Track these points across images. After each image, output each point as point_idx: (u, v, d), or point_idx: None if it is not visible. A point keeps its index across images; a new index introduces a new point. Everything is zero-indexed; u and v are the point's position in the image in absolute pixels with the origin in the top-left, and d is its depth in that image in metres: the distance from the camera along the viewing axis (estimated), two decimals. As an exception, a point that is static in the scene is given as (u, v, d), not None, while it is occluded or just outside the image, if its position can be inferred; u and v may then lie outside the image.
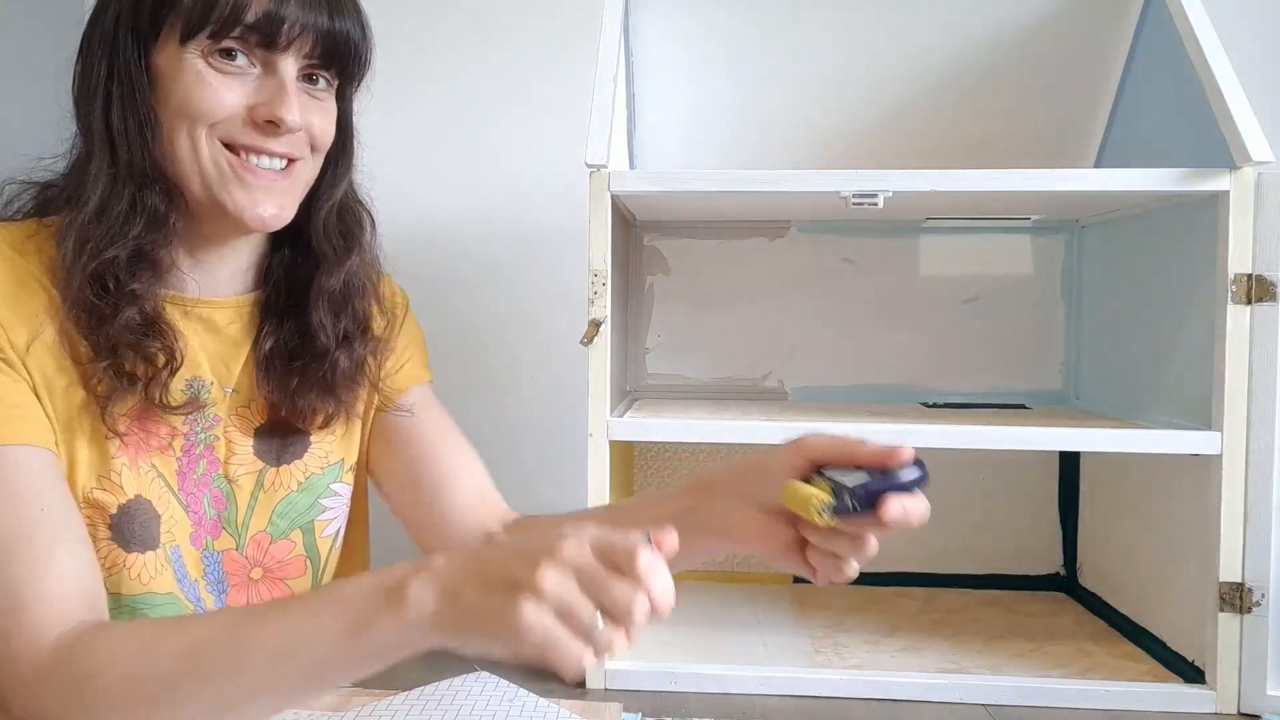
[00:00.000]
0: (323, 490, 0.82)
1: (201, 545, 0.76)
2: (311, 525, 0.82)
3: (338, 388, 0.79)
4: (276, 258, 0.80)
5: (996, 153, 1.08)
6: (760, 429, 0.84)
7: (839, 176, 0.83)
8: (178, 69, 0.68)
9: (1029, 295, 1.12)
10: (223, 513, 0.78)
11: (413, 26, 1.33)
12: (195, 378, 0.75)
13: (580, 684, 0.83)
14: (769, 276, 1.13)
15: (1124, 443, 0.82)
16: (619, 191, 0.83)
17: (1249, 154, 0.76)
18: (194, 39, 0.67)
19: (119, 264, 0.68)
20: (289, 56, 0.69)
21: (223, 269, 0.77)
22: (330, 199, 0.78)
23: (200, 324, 0.76)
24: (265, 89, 0.69)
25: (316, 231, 0.78)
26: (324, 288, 0.78)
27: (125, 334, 0.68)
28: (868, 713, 0.79)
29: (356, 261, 0.80)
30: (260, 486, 0.79)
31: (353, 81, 0.77)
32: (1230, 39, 0.84)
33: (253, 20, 0.67)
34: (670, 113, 1.10)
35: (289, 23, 0.68)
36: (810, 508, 0.57)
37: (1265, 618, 0.78)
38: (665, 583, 0.50)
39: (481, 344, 1.34)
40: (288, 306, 0.79)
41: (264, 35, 0.67)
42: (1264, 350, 0.78)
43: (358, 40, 0.73)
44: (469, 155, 1.34)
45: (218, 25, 0.66)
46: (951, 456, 1.11)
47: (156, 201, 0.70)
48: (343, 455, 0.83)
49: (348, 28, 0.72)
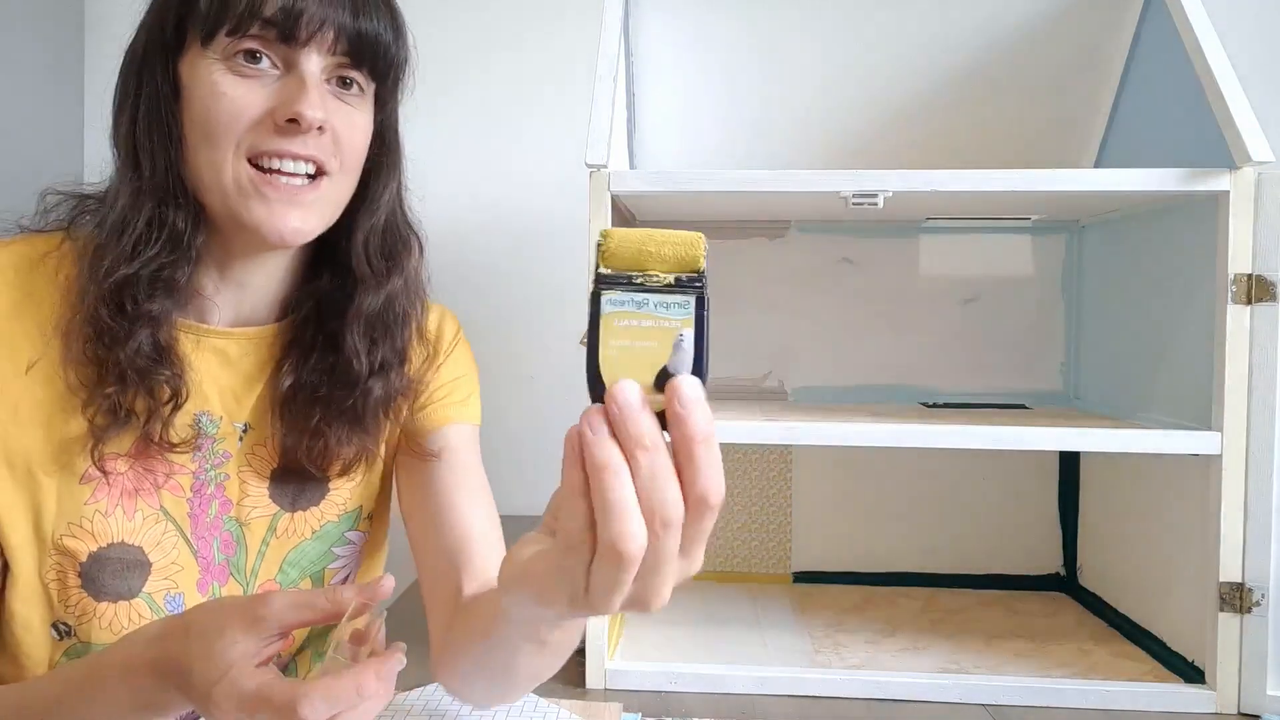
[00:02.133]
0: (337, 539, 0.79)
1: (208, 592, 0.73)
2: (322, 574, 0.79)
3: (366, 421, 0.74)
4: (309, 288, 0.76)
5: (996, 153, 1.08)
6: (760, 429, 0.83)
7: (839, 176, 0.83)
8: (198, 78, 0.66)
9: (1029, 295, 1.12)
10: (231, 558, 0.74)
11: (411, 27, 1.33)
12: (203, 412, 0.72)
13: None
14: (769, 276, 1.13)
15: (1124, 443, 0.82)
16: (619, 191, 0.83)
17: (1249, 154, 0.76)
18: (214, 40, 0.65)
19: (137, 283, 0.65)
20: (310, 53, 0.67)
21: (251, 293, 0.73)
22: (372, 215, 0.74)
23: (213, 355, 0.72)
24: (286, 88, 0.66)
25: (356, 249, 0.74)
26: (361, 309, 0.73)
27: (135, 360, 0.65)
28: (868, 713, 0.79)
29: (399, 285, 0.75)
30: (273, 532, 0.76)
31: (387, 84, 0.73)
32: (1230, 39, 0.84)
33: (270, 14, 0.65)
34: (670, 113, 1.10)
35: (308, 16, 0.65)
36: None
37: (1265, 618, 0.78)
38: None
39: (482, 343, 1.34)
40: (318, 339, 0.74)
41: (283, 30, 0.65)
42: (1264, 350, 0.78)
43: (388, 40, 0.70)
44: (469, 155, 1.35)
45: (235, 22, 0.64)
46: (951, 456, 1.12)
47: (177, 219, 0.67)
48: (360, 502, 0.80)
49: (375, 27, 0.69)
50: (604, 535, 0.42)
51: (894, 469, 1.12)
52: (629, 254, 0.46)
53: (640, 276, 0.46)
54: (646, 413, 0.42)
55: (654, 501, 0.42)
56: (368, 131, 0.72)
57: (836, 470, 1.13)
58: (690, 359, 0.46)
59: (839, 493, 1.13)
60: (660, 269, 0.46)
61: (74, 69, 1.39)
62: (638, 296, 0.46)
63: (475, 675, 0.69)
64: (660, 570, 0.43)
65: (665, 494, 0.42)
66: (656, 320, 0.46)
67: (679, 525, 0.42)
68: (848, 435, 0.83)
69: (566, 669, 0.85)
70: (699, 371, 0.45)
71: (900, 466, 1.12)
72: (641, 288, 0.46)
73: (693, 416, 0.42)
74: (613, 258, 0.46)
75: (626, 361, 0.46)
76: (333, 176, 0.69)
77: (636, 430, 0.42)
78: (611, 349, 0.46)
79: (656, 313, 0.46)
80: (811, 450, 1.13)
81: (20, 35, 1.30)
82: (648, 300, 0.46)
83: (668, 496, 0.42)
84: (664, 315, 0.46)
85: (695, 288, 0.46)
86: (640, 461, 0.42)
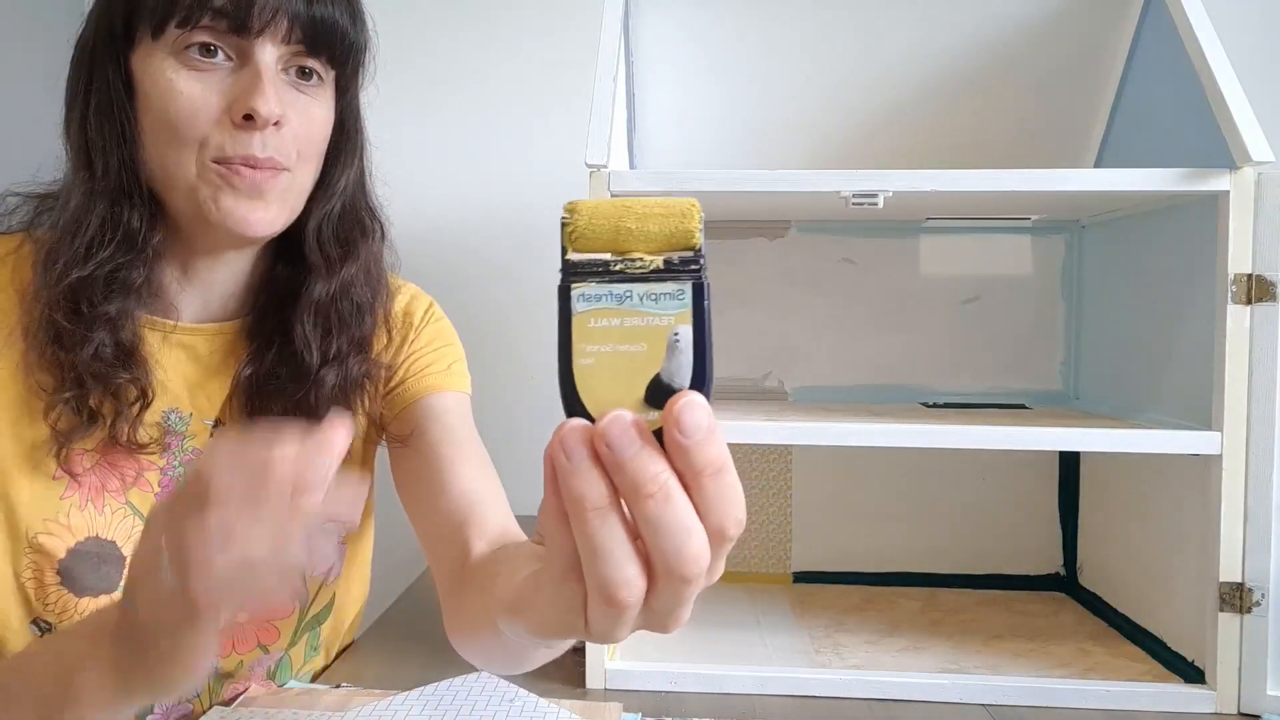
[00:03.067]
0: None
1: None
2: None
3: (321, 413, 0.72)
4: (267, 278, 0.74)
5: (996, 153, 1.08)
6: (760, 429, 0.83)
7: (839, 176, 0.83)
8: (151, 74, 0.64)
9: (1029, 295, 1.12)
10: None
11: (412, 26, 1.33)
12: (172, 409, 0.71)
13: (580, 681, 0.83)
14: (769, 276, 1.13)
15: (1124, 443, 0.82)
16: (619, 191, 0.83)
17: (1249, 154, 0.76)
18: (164, 32, 0.63)
19: (93, 285, 0.64)
20: (265, 43, 0.65)
21: (216, 288, 0.72)
22: (327, 202, 0.72)
23: (181, 351, 0.71)
24: (240, 82, 0.65)
25: (309, 237, 0.72)
26: (312, 298, 0.72)
27: (94, 364, 0.64)
28: (868, 713, 0.79)
29: (355, 272, 0.73)
30: None
31: (346, 70, 0.71)
32: (1230, 39, 0.84)
33: (220, 4, 0.63)
34: (670, 113, 1.10)
35: (259, 5, 0.63)
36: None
37: (1265, 618, 0.78)
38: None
39: (482, 343, 1.34)
40: (274, 328, 0.73)
41: (234, 20, 0.63)
42: (1264, 350, 0.78)
43: (345, 25, 0.69)
44: (469, 155, 1.35)
45: (185, 13, 0.63)
46: (951, 456, 1.12)
47: (132, 218, 0.65)
48: None
49: (330, 12, 0.67)
50: (591, 581, 0.34)
51: (894, 469, 1.12)
52: (604, 232, 0.36)
53: (619, 261, 0.36)
54: (648, 451, 0.33)
55: (666, 554, 0.33)
56: (327, 122, 0.71)
57: (836, 470, 1.13)
58: (690, 364, 0.35)
59: (839, 493, 1.13)
60: (645, 249, 0.36)
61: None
62: (618, 288, 0.36)
63: (486, 657, 0.67)
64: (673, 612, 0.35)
65: (684, 547, 0.33)
66: (644, 317, 0.36)
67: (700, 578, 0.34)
68: (848, 435, 0.82)
69: (566, 669, 0.85)
70: (701, 379, 0.35)
71: (900, 466, 1.12)
72: (622, 276, 0.36)
73: (700, 450, 0.33)
74: (582, 239, 0.36)
75: (608, 373, 0.36)
76: (293, 170, 0.68)
77: (637, 477, 0.33)
78: (588, 358, 0.36)
79: (643, 307, 0.36)
80: (811, 450, 1.13)
81: (20, 34, 1.30)
82: (631, 292, 0.36)
83: (686, 550, 0.33)
84: (653, 310, 0.36)
85: (692, 271, 0.36)
86: (647, 511, 0.33)
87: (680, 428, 0.33)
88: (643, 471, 0.33)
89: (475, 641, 0.65)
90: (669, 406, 0.34)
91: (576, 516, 0.33)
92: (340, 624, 0.88)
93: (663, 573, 0.33)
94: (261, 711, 0.73)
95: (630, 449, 0.33)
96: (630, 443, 0.33)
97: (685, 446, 0.33)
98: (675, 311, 0.36)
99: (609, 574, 0.33)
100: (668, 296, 0.36)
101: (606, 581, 0.33)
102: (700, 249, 0.36)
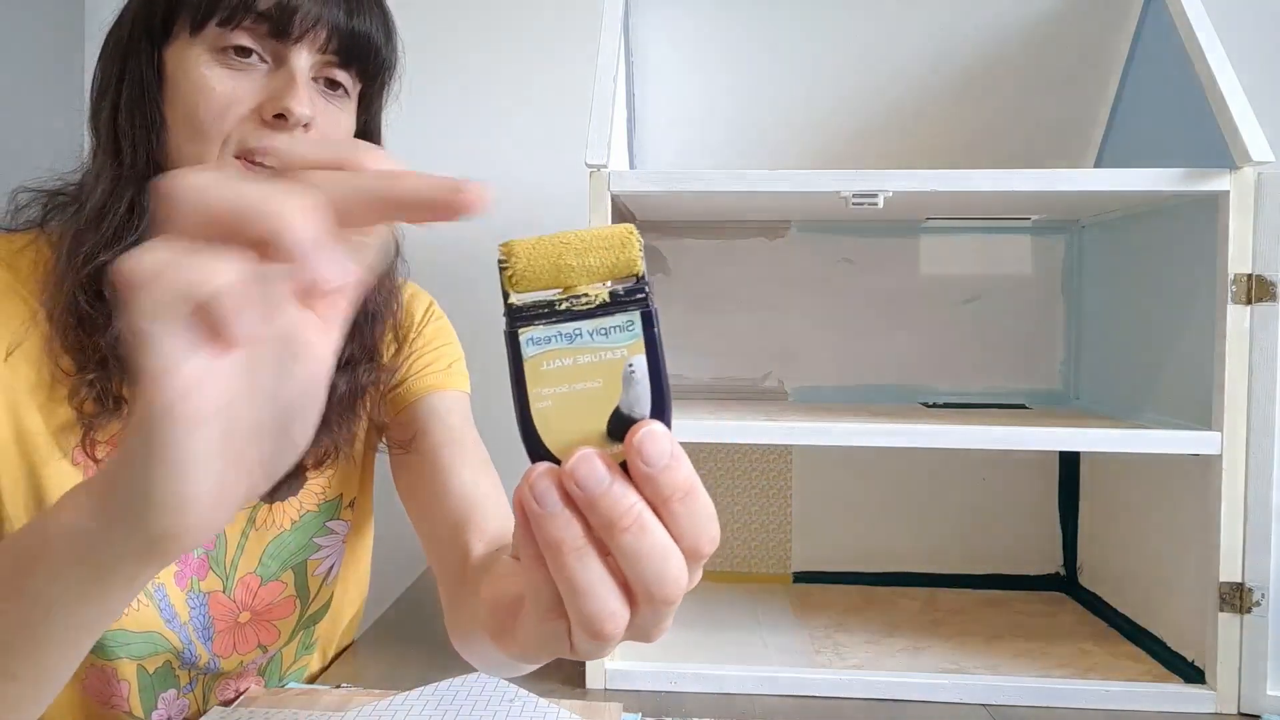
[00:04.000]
0: (317, 529, 0.78)
1: (187, 586, 0.73)
2: (304, 565, 0.78)
3: (331, 418, 0.73)
4: None
5: (996, 153, 1.08)
6: (760, 429, 0.83)
7: (839, 176, 0.83)
8: (185, 67, 0.65)
9: (1029, 295, 1.12)
10: (211, 552, 0.74)
11: (412, 26, 1.33)
12: None
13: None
14: (769, 276, 1.13)
15: (1124, 443, 0.82)
16: (619, 191, 0.83)
17: (1249, 154, 0.76)
18: (204, 29, 0.64)
19: None
20: (301, 50, 0.66)
21: None
22: None
23: None
24: (274, 83, 0.66)
25: None
26: None
27: (116, 346, 0.64)
28: (868, 713, 0.79)
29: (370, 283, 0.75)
30: (251, 524, 0.75)
31: (374, 85, 0.73)
32: (1230, 39, 0.84)
33: (265, 8, 0.64)
34: (670, 113, 1.10)
35: (302, 13, 0.64)
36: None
37: (1265, 618, 0.78)
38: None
39: (481, 345, 1.34)
40: None
41: (276, 25, 0.64)
42: (1264, 350, 0.78)
43: (379, 41, 0.70)
44: (469, 156, 1.34)
45: (228, 12, 0.64)
46: (951, 456, 1.12)
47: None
48: (340, 490, 0.79)
49: (368, 27, 0.68)
50: (574, 616, 0.35)
51: (894, 469, 1.12)
52: (544, 271, 0.36)
53: (563, 299, 0.36)
54: (619, 485, 0.33)
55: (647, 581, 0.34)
56: (350, 132, 0.72)
57: (836, 470, 1.13)
58: (647, 393, 0.35)
59: (839, 493, 1.13)
60: (587, 282, 0.36)
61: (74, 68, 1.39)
62: (566, 327, 0.36)
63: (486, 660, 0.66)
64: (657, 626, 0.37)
65: (664, 572, 0.34)
66: (596, 353, 0.36)
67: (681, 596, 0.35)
68: (848, 435, 0.83)
69: (566, 669, 0.85)
70: (660, 405, 0.35)
71: (900, 466, 1.12)
72: (569, 315, 0.36)
73: (664, 477, 0.33)
74: (523, 280, 0.36)
75: (566, 414, 0.35)
76: None
77: (611, 513, 0.33)
78: (545, 401, 0.36)
79: (594, 343, 0.36)
80: (811, 450, 1.13)
81: (20, 35, 1.30)
82: (580, 330, 0.36)
83: (666, 574, 0.34)
84: (604, 344, 0.36)
85: (639, 300, 0.36)
86: (624, 543, 0.33)
87: (643, 458, 0.33)
88: (615, 507, 0.33)
89: (475, 645, 0.66)
90: (629, 439, 0.34)
91: (554, 559, 0.34)
92: (336, 625, 0.88)
93: (645, 599, 0.34)
94: (261, 712, 0.73)
95: (600, 486, 0.33)
96: (600, 480, 0.33)
97: (650, 476, 0.33)
98: (627, 343, 0.36)
99: (593, 610, 0.34)
100: (617, 329, 0.36)
101: (591, 617, 0.34)
102: (644, 275, 0.36)
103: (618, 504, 0.33)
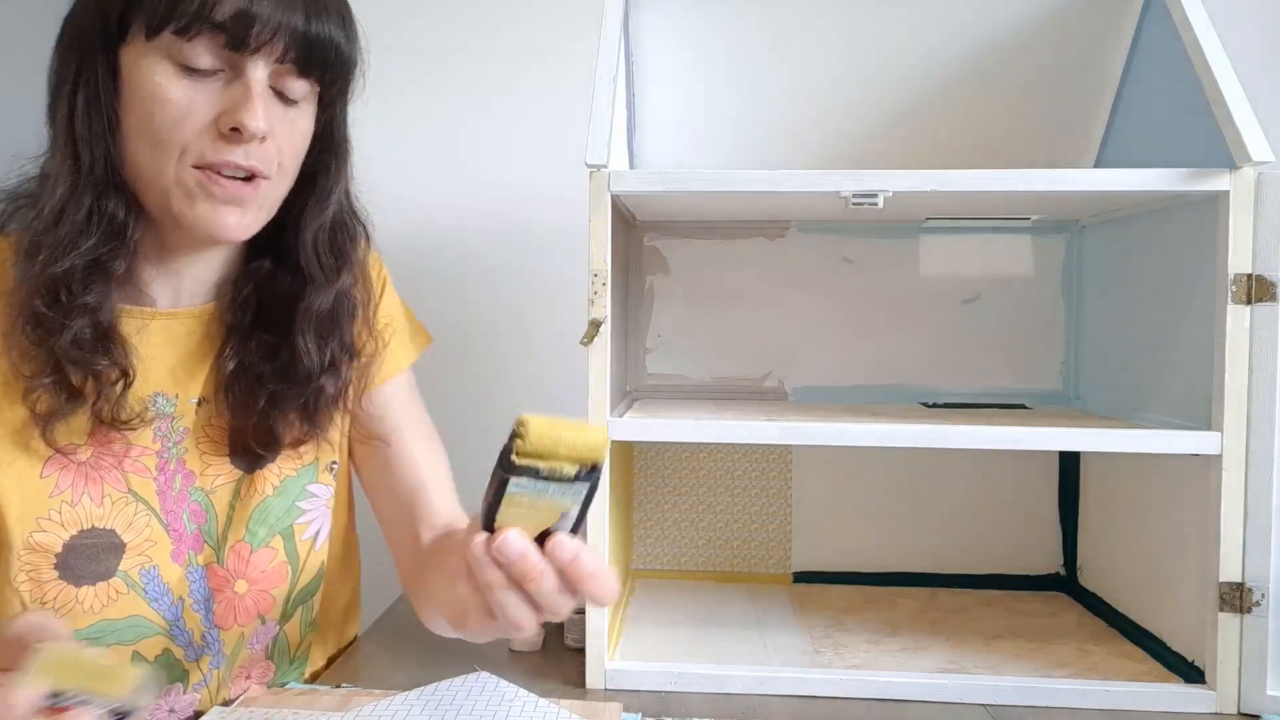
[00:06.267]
0: (299, 492, 0.80)
1: (184, 562, 0.75)
2: (291, 530, 0.79)
3: (319, 415, 0.76)
4: (251, 269, 0.76)
5: (996, 153, 1.08)
6: (760, 429, 0.84)
7: (839, 176, 0.83)
8: (140, 75, 0.64)
9: (1029, 295, 1.12)
10: (203, 526, 0.76)
11: (411, 26, 1.33)
12: (158, 393, 0.73)
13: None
14: (769, 276, 1.13)
15: (1124, 443, 0.82)
16: (619, 191, 0.83)
17: (1249, 154, 0.77)
18: (159, 35, 0.63)
19: (73, 275, 0.64)
20: (258, 60, 0.65)
21: (188, 279, 0.74)
22: (320, 214, 0.74)
23: (161, 336, 0.73)
24: (230, 94, 0.65)
25: (305, 250, 0.74)
26: (312, 309, 0.74)
27: (72, 350, 0.65)
28: (868, 713, 0.80)
29: (348, 280, 0.76)
30: (238, 495, 0.77)
31: (335, 86, 0.71)
32: (1230, 39, 0.84)
33: (221, 19, 0.62)
34: (670, 113, 1.10)
35: (260, 23, 0.63)
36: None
37: (1265, 618, 0.78)
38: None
39: (482, 344, 1.34)
40: (261, 324, 0.75)
41: (233, 36, 0.63)
42: (1264, 350, 0.78)
43: (340, 42, 0.68)
44: (469, 156, 1.34)
45: (184, 21, 0.62)
46: (951, 456, 1.12)
47: (117, 210, 0.66)
48: (316, 455, 0.81)
49: (328, 30, 0.67)
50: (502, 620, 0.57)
51: (894, 469, 1.12)
52: (542, 451, 0.51)
53: (546, 469, 0.51)
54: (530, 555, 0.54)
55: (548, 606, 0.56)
56: (308, 134, 0.71)
57: (836, 470, 1.13)
58: (571, 524, 0.55)
59: (839, 493, 1.13)
60: (566, 456, 0.51)
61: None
62: (541, 484, 0.52)
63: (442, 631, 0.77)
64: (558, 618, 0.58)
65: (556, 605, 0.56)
66: (551, 503, 0.53)
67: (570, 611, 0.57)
68: (848, 435, 0.83)
69: (566, 669, 0.86)
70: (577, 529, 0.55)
71: (900, 466, 1.12)
72: (546, 479, 0.52)
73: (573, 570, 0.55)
74: (526, 455, 0.51)
75: (517, 521, 0.54)
76: (271, 179, 0.69)
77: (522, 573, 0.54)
78: (507, 515, 0.54)
79: (553, 499, 0.53)
80: (811, 450, 1.13)
81: (20, 34, 1.30)
82: (548, 488, 0.52)
83: (560, 604, 0.56)
84: (559, 498, 0.53)
85: (592, 478, 0.52)
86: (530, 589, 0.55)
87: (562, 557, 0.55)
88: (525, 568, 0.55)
89: (432, 620, 0.78)
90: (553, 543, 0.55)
91: (487, 591, 0.56)
92: (334, 604, 0.88)
93: (550, 612, 0.57)
94: (261, 712, 0.73)
95: (514, 555, 0.54)
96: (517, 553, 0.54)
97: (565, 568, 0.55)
98: (573, 500, 0.54)
99: (513, 618, 0.57)
100: (571, 494, 0.53)
101: (512, 623, 0.57)
102: (600, 465, 0.52)
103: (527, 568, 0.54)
